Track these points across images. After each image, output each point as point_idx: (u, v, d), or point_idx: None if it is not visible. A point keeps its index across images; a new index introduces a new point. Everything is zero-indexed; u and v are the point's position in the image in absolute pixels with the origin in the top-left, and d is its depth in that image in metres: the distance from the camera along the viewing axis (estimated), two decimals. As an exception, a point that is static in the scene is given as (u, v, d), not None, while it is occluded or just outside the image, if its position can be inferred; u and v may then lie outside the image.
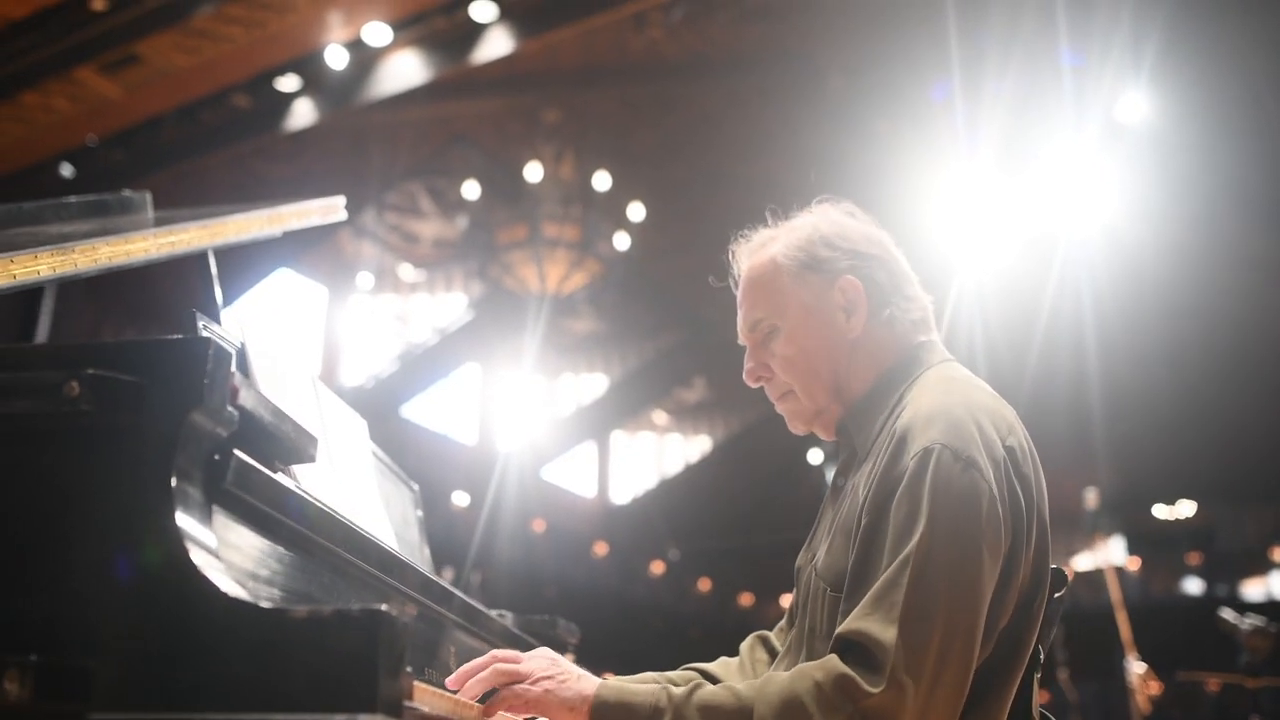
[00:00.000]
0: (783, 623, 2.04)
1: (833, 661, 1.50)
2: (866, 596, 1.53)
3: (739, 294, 1.96)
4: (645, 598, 27.13)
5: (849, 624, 1.52)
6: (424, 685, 1.32)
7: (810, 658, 1.67)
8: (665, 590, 28.02)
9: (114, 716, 1.12)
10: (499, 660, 1.57)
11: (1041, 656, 1.76)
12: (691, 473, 29.66)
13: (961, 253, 15.00)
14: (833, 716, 1.45)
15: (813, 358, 1.86)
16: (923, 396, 1.72)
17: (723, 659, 2.07)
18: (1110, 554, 26.56)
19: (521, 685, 1.54)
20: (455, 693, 1.51)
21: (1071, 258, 16.09)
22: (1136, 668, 7.53)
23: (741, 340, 1.96)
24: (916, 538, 1.53)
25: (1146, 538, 27.27)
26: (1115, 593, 7.90)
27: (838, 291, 1.86)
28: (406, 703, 1.15)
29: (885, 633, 1.48)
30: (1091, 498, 8.08)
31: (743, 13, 15.24)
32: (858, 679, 1.46)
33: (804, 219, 1.95)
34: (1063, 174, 15.30)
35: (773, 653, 2.04)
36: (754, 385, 1.95)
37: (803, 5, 15.32)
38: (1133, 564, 25.91)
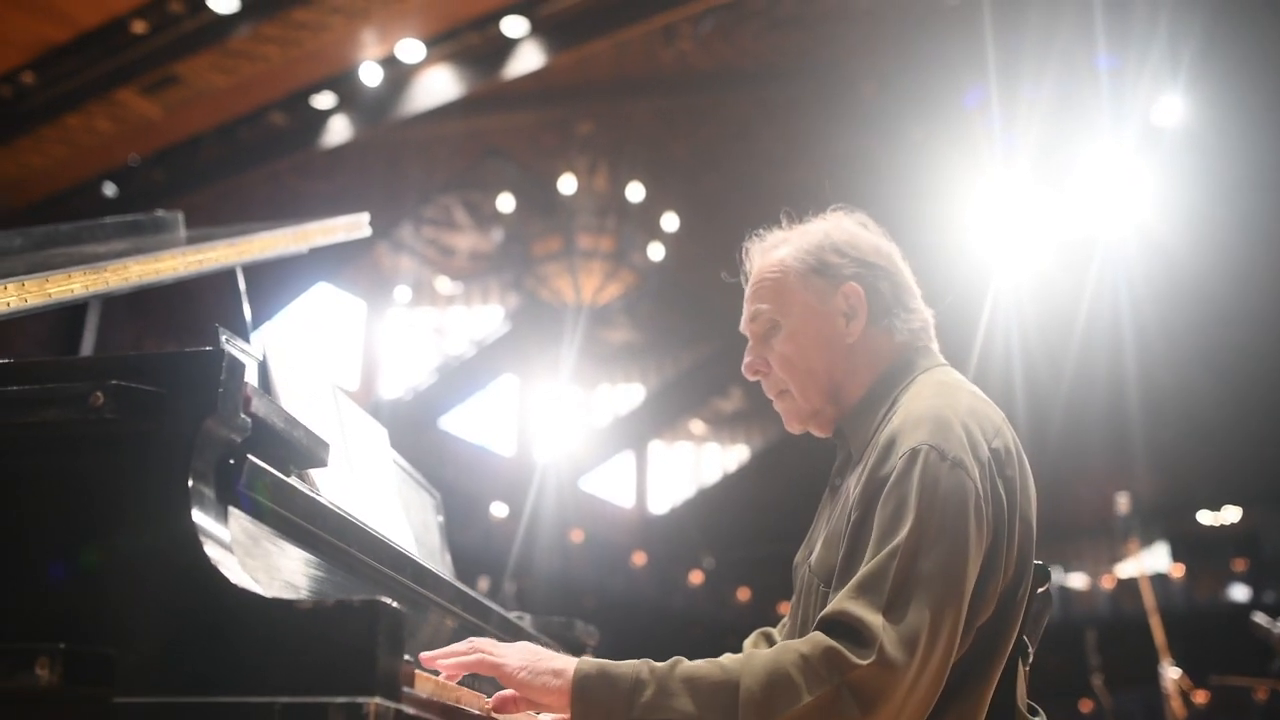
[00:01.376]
0: (785, 620, 2.09)
1: (818, 637, 1.52)
2: (852, 582, 1.57)
3: (747, 289, 2.02)
4: (684, 607, 27.10)
5: (834, 606, 1.55)
6: (426, 675, 1.40)
7: None
8: (705, 599, 27.98)
9: (135, 700, 1.21)
10: (477, 648, 1.58)
11: (1031, 650, 1.82)
12: (730, 482, 29.64)
13: (998, 258, 14.96)
14: (820, 688, 1.47)
15: (810, 358, 1.92)
16: (914, 400, 1.78)
17: (726, 655, 2.12)
18: (1149, 560, 26.28)
19: (498, 660, 1.56)
20: (476, 692, 1.54)
21: (1109, 262, 15.99)
22: (1171, 673, 7.50)
23: (743, 329, 2.02)
24: (905, 530, 1.57)
25: (1190, 544, 26.93)
26: (1149, 599, 7.86)
27: (841, 297, 1.92)
28: (406, 689, 1.22)
29: (872, 615, 1.51)
30: (1124, 503, 8.03)
31: (772, 23, 15.29)
32: (845, 651, 1.48)
33: (817, 225, 2.01)
34: (1099, 178, 15.22)
35: (776, 648, 2.08)
36: (751, 379, 2.00)
37: (833, 14, 15.34)
38: (1176, 571, 25.58)
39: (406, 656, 1.22)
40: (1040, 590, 1.78)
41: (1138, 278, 16.39)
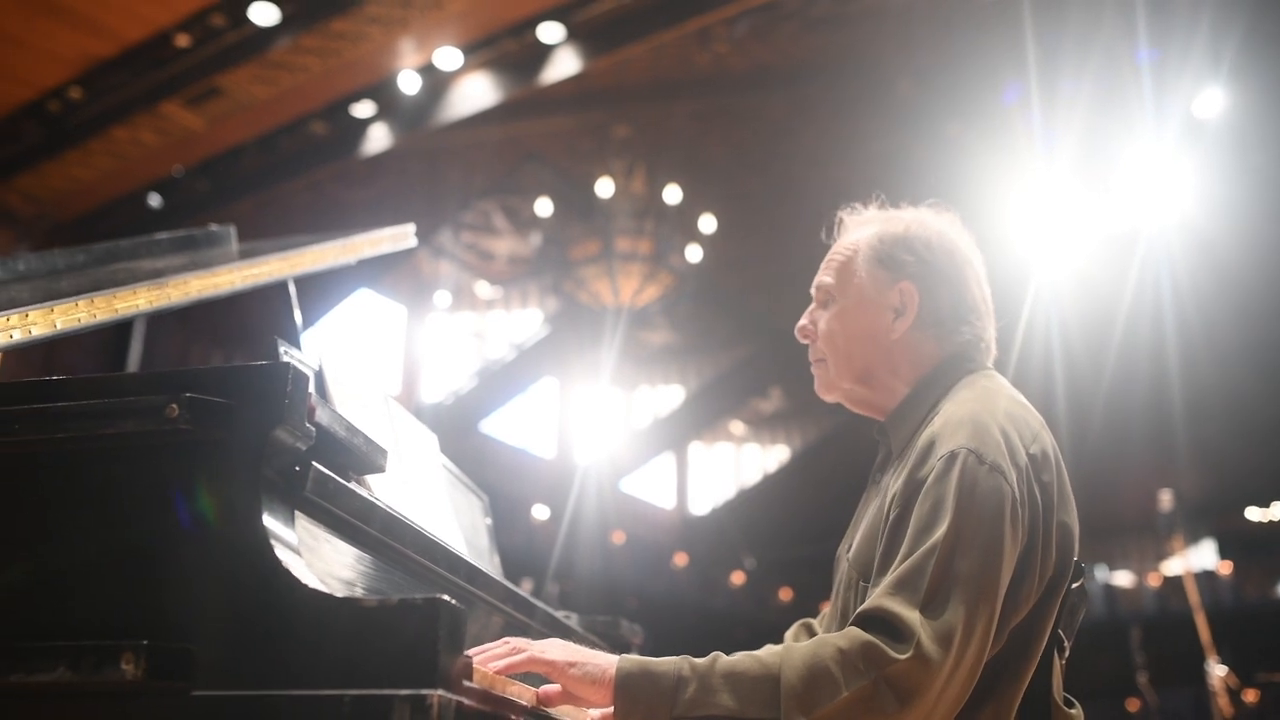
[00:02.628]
0: (825, 612, 2.15)
1: (856, 632, 1.56)
2: (889, 578, 1.61)
3: (826, 256, 2.09)
4: (727, 608, 27.07)
5: (871, 602, 1.60)
6: (483, 669, 1.46)
7: None
8: (747, 600, 27.94)
9: (213, 693, 1.28)
10: (518, 648, 1.62)
11: (1067, 644, 1.87)
12: (770, 482, 29.58)
13: (1039, 254, 14.87)
14: (858, 681, 1.51)
15: (850, 341, 1.98)
16: (954, 405, 1.82)
17: (765, 648, 2.17)
18: (1196, 558, 25.96)
19: (549, 657, 1.60)
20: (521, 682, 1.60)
21: (1151, 257, 15.85)
22: (1218, 671, 7.46)
23: (811, 291, 2.08)
24: (942, 530, 1.61)
25: (1239, 541, 26.62)
26: (1193, 596, 7.81)
27: (896, 292, 1.96)
28: (466, 682, 1.29)
29: (909, 611, 1.55)
30: (1166, 500, 7.97)
31: (808, 23, 15.25)
32: (883, 646, 1.52)
33: (905, 216, 2.06)
34: (1141, 172, 15.09)
35: (817, 641, 2.13)
36: (802, 340, 2.07)
37: (870, 12, 15.29)
38: (1225, 568, 25.28)
39: (467, 652, 1.29)
40: (1075, 586, 1.82)
41: (1180, 272, 16.23)
